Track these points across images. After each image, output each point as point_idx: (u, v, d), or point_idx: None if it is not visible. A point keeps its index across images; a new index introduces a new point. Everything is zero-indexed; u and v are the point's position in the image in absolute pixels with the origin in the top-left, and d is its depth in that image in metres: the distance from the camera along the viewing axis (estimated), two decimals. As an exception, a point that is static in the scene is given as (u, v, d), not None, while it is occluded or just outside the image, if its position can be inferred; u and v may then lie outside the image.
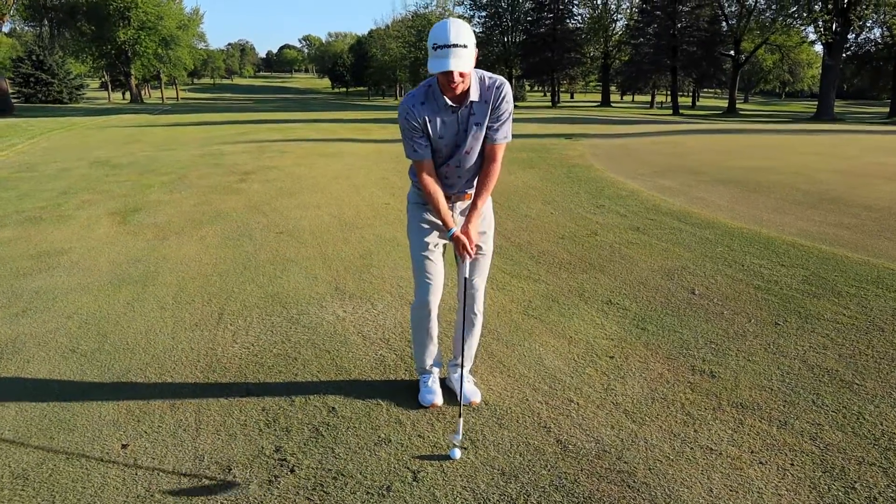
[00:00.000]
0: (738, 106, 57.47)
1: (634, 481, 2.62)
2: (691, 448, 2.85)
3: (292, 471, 2.73)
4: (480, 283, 3.24)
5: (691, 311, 4.48)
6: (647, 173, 10.50)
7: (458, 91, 2.73)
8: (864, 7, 39.94)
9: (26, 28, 56.98)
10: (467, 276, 3.13)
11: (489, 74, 2.86)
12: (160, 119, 30.20)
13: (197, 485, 2.65)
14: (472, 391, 3.31)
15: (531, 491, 2.57)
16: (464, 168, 3.00)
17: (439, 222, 3.06)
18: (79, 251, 6.25)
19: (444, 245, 3.20)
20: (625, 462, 2.75)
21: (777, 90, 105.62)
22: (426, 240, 3.11)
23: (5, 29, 49.47)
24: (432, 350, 3.29)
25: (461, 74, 2.65)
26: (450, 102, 2.78)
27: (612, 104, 67.24)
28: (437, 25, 2.63)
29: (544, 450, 2.86)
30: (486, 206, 3.17)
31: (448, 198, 3.04)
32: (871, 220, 7.02)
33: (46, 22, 49.18)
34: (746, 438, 2.92)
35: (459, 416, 2.91)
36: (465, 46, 2.59)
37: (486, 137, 2.96)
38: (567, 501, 2.51)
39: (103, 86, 76.17)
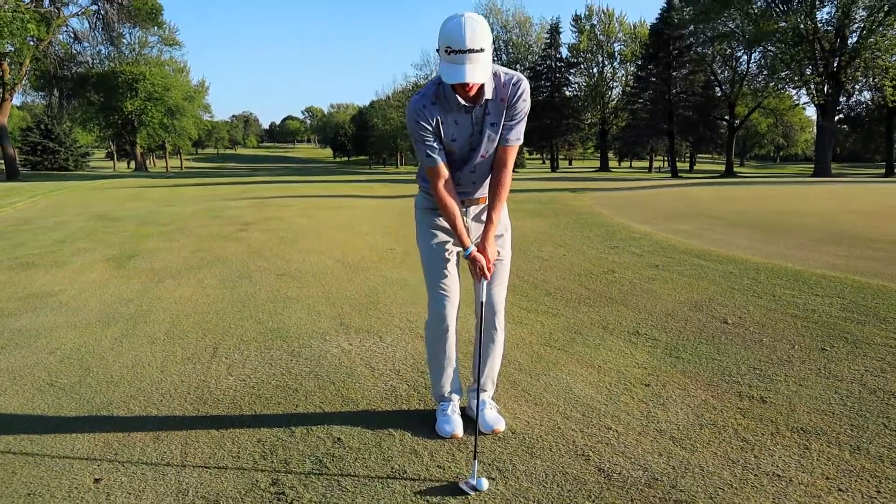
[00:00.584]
0: (735, 169, 57.97)
1: (696, 511, 2.22)
2: (755, 475, 2.45)
3: (291, 505, 2.33)
4: (500, 292, 2.88)
5: (727, 339, 4.11)
6: (658, 219, 10.24)
7: (473, 93, 2.48)
8: (854, 70, 40.69)
9: (37, 100, 58.11)
10: (485, 288, 2.79)
11: (504, 70, 2.59)
12: (163, 182, 30.28)
13: (179, 521, 2.25)
14: (494, 418, 2.91)
15: (575, 524, 2.17)
16: (479, 173, 2.73)
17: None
18: (69, 293, 5.91)
19: (459, 253, 2.88)
20: (681, 491, 2.35)
21: (772, 154, 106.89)
22: (439, 247, 2.79)
23: (17, 102, 50.53)
24: (450, 373, 2.92)
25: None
26: (463, 102, 2.52)
27: (611, 169, 67.88)
28: (450, 23, 2.32)
29: (585, 479, 2.46)
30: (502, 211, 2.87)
31: (461, 203, 2.74)
32: (902, 255, 6.69)
33: (56, 92, 50.08)
34: (817, 464, 2.52)
35: (474, 458, 2.50)
36: (481, 51, 2.31)
37: (501, 138, 2.70)
38: (619, 535, 2.11)
39: (109, 155, 77.31)
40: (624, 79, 64.20)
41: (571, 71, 63.07)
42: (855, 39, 39.52)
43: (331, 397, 3.34)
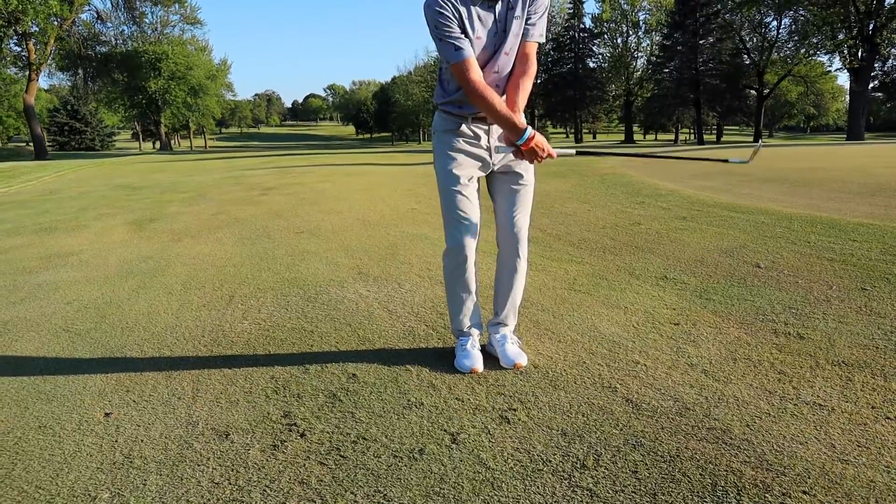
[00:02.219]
0: (764, 139, 56.63)
1: (732, 438, 2.08)
2: (795, 405, 2.30)
3: (302, 435, 2.23)
4: (523, 219, 2.71)
5: (759, 282, 3.93)
6: (685, 177, 9.94)
7: None
8: (890, 32, 39.25)
9: (63, 83, 58.87)
10: (508, 212, 2.65)
11: None
12: (187, 156, 30.43)
13: (186, 450, 2.17)
14: (516, 353, 2.78)
15: (602, 451, 2.04)
16: (502, 74, 2.50)
17: (474, 151, 2.60)
18: (89, 252, 5.89)
19: (479, 181, 2.72)
20: (714, 419, 2.21)
21: (802, 125, 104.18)
22: (457, 172, 2.60)
23: (44, 84, 51.10)
24: (470, 306, 2.78)
25: None
26: None
27: (636, 142, 66.83)
28: None
29: (612, 409, 2.33)
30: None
31: (483, 119, 2.58)
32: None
33: (81, 72, 50.50)
34: (861, 395, 2.36)
35: None
36: None
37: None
38: (649, 461, 1.98)
39: (135, 136, 78.08)
40: (649, 49, 62.83)
41: (595, 42, 61.87)
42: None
43: (347, 337, 3.24)
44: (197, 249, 5.77)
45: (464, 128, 2.58)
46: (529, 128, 2.37)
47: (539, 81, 63.34)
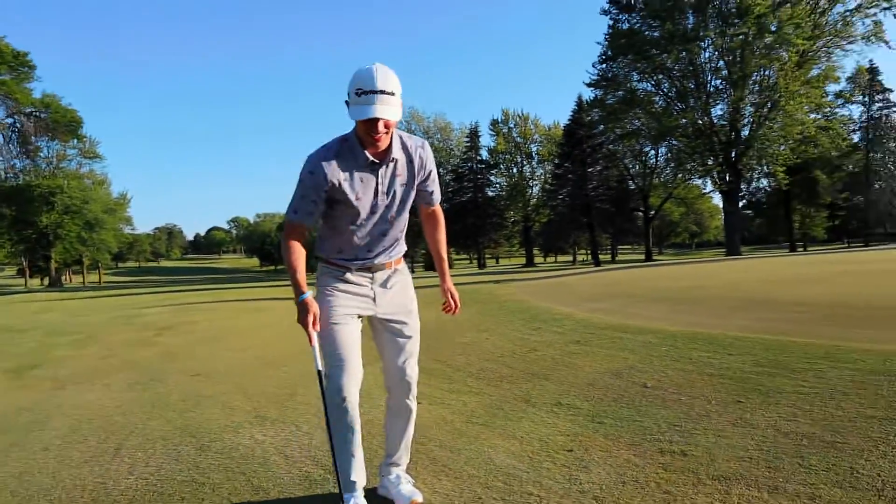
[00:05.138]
0: (654, 257, 60.52)
1: (619, 564, 2.14)
2: (678, 524, 2.40)
3: None
4: (412, 367, 2.77)
5: (647, 402, 4.13)
6: (580, 300, 10.45)
7: (382, 145, 2.46)
8: (749, 159, 44.04)
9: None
10: (396, 362, 2.74)
11: (406, 134, 2.63)
12: (79, 294, 28.96)
13: None
14: (411, 491, 2.77)
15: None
16: (390, 237, 2.68)
17: (358, 291, 2.67)
18: (-44, 408, 5.43)
19: (361, 319, 2.70)
20: (603, 546, 2.27)
21: (687, 241, 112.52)
22: (336, 307, 2.61)
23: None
24: (357, 455, 2.61)
25: (386, 125, 2.37)
26: (371, 158, 2.48)
27: (536, 264, 69.60)
28: (362, 70, 2.34)
29: (506, 544, 2.34)
30: (408, 276, 2.86)
31: (368, 269, 2.69)
32: (806, 313, 7.07)
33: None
34: (737, 508, 2.50)
35: None
36: (392, 94, 2.34)
37: (423, 201, 2.76)
38: None
39: (20, 272, 73.72)
40: (543, 177, 67.02)
41: (492, 172, 65.52)
42: (747, 132, 42.96)
43: (240, 488, 3.11)
44: (82, 398, 5.44)
45: (348, 275, 2.67)
46: (306, 294, 2.54)
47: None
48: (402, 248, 2.81)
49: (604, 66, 48.90)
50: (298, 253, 2.57)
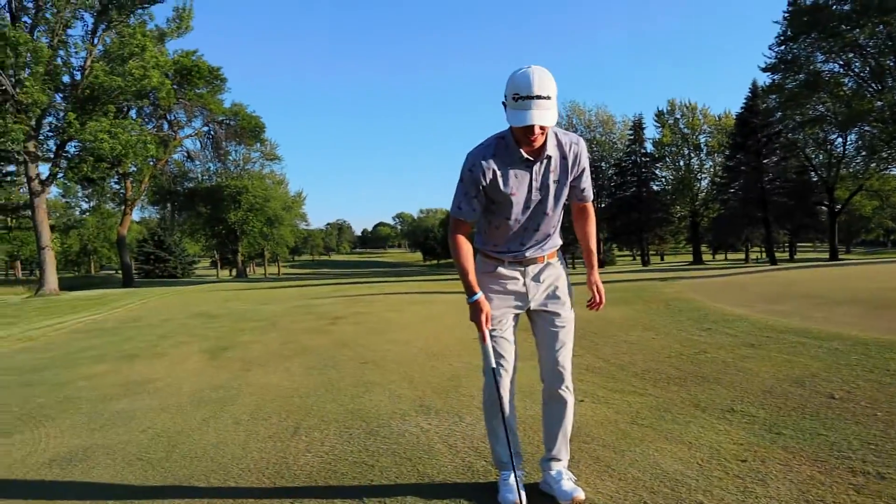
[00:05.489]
0: (840, 256, 54.77)
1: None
2: (874, 554, 2.18)
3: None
4: (566, 356, 2.81)
5: (834, 415, 3.77)
6: (754, 301, 9.73)
7: (537, 145, 2.51)
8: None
9: (153, 214, 63.90)
10: (550, 351, 2.78)
11: (562, 130, 2.66)
12: (261, 285, 31.73)
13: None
14: (572, 487, 2.75)
15: None
16: (542, 231, 2.74)
17: (511, 288, 2.78)
18: (165, 380, 6.18)
19: (516, 317, 2.84)
20: (785, 568, 2.11)
21: (881, 238, 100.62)
22: (493, 312, 2.75)
23: (136, 217, 55.55)
24: (510, 439, 2.73)
25: (542, 128, 2.44)
26: (525, 155, 2.55)
27: (705, 262, 65.78)
28: (518, 74, 2.40)
29: (675, 555, 2.25)
30: (562, 270, 2.86)
31: (520, 262, 2.77)
32: None
33: (169, 206, 54.97)
34: (949, 544, 2.22)
35: None
36: (548, 98, 2.38)
37: (575, 197, 2.75)
38: None
39: (213, 263, 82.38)
40: (712, 169, 63.18)
41: (657, 165, 62.85)
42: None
43: (406, 473, 3.26)
44: (266, 379, 5.97)
45: (500, 269, 2.76)
46: (478, 294, 2.64)
47: (603, 206, 64.23)
48: (556, 242, 2.85)
49: (782, 47, 44.91)
50: (467, 252, 2.69)
